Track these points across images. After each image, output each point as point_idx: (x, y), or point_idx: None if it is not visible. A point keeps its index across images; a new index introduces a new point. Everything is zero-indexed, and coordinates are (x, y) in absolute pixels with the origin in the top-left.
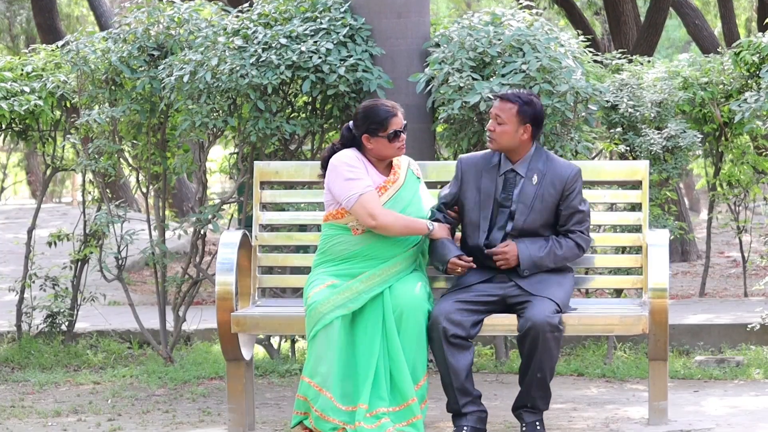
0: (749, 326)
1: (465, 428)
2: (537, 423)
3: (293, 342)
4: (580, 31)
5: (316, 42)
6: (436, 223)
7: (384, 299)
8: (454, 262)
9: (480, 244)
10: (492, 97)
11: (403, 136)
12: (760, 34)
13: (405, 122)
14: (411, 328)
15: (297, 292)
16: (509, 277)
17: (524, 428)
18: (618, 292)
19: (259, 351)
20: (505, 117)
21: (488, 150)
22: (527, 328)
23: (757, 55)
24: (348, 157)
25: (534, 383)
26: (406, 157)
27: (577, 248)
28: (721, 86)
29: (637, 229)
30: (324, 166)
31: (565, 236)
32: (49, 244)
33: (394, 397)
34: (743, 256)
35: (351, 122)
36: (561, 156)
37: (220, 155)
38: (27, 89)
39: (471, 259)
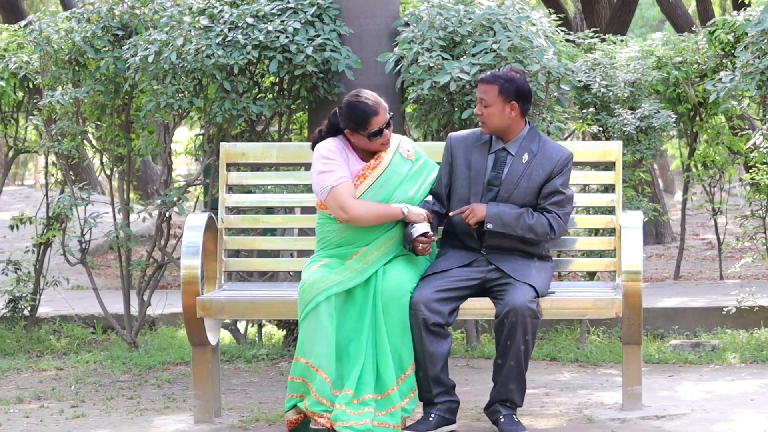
0: (725, 309)
1: (432, 415)
2: (513, 415)
3: (260, 327)
4: (551, 10)
5: (283, 21)
6: (411, 208)
7: (373, 284)
8: (420, 240)
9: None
10: (473, 83)
11: (387, 132)
12: (735, 12)
13: (390, 116)
14: (395, 316)
15: (264, 275)
16: (489, 261)
17: (502, 420)
18: (591, 275)
19: (226, 336)
20: (489, 99)
21: (477, 128)
22: (506, 312)
23: (732, 33)
24: (326, 148)
25: (511, 372)
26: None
27: (549, 227)
28: (695, 65)
29: (610, 210)
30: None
31: (540, 213)
32: (12, 227)
33: (378, 385)
34: (718, 239)
35: (337, 109)
36: None
37: (185, 137)
38: None
39: (432, 238)
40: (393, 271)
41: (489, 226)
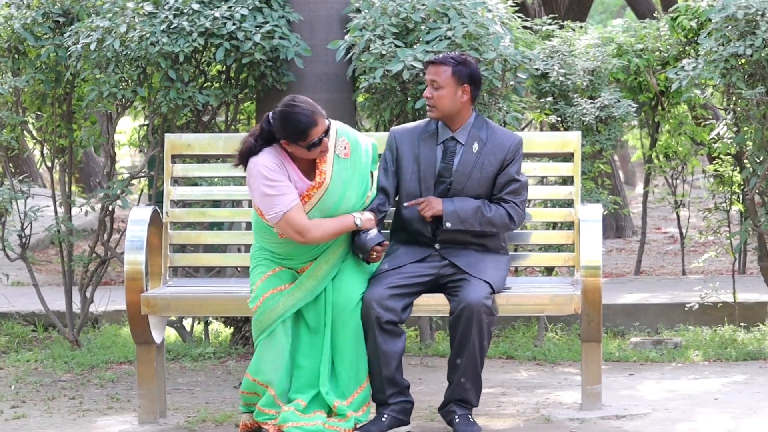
0: (687, 306)
1: (385, 416)
2: (469, 415)
3: (207, 324)
4: None
5: (230, 7)
6: (362, 215)
7: (323, 298)
8: (376, 249)
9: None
10: (423, 64)
11: (326, 140)
12: None
13: (328, 123)
14: (348, 326)
15: (210, 271)
16: (443, 256)
17: (458, 420)
18: (549, 270)
19: (171, 334)
20: (441, 80)
21: (421, 120)
22: (460, 309)
23: (695, 20)
24: (266, 167)
25: (467, 371)
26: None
27: (508, 218)
28: (657, 53)
29: (568, 203)
30: (241, 160)
31: (498, 204)
32: None
33: (330, 396)
34: (681, 232)
35: (271, 114)
36: None
37: (129, 127)
38: None
39: (386, 245)
40: (342, 282)
41: (448, 224)
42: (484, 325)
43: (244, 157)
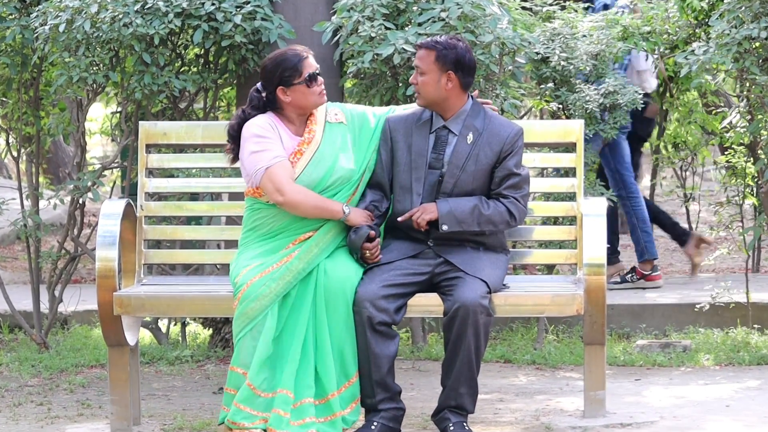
0: (697, 306)
1: (375, 424)
2: (464, 423)
3: (183, 325)
4: None
5: None
6: (353, 209)
7: (314, 279)
8: (366, 247)
9: (411, 208)
10: (412, 48)
11: (321, 79)
12: None
13: (317, 66)
14: (340, 313)
15: (188, 269)
16: (438, 253)
17: (452, 428)
18: (549, 268)
19: (146, 335)
20: (424, 66)
21: (417, 107)
22: (455, 309)
23: (707, 0)
24: (257, 126)
25: (462, 375)
26: (324, 104)
27: (508, 215)
28: (665, 36)
29: (570, 197)
30: (233, 137)
31: (496, 200)
32: None
33: (318, 388)
34: (691, 228)
35: (259, 84)
36: None
37: (101, 114)
38: None
39: (378, 242)
40: (336, 264)
41: (444, 228)
42: (481, 326)
43: (234, 130)
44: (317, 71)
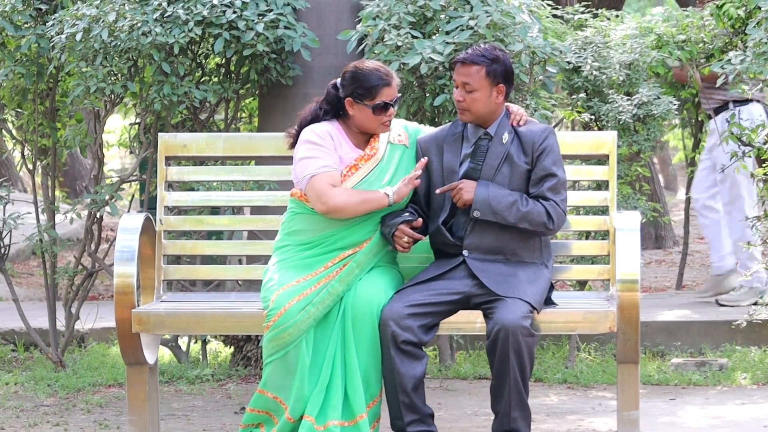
0: (734, 324)
1: None
2: None
3: (204, 343)
4: None
5: None
6: (393, 188)
7: (344, 297)
8: (402, 229)
9: (439, 224)
10: (447, 65)
11: (393, 110)
12: None
13: (399, 95)
14: (366, 333)
15: (208, 285)
16: (472, 271)
17: None
18: (581, 284)
19: (165, 353)
20: (475, 82)
21: (445, 125)
22: (496, 331)
23: (743, 8)
24: (314, 133)
25: (512, 399)
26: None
27: (546, 216)
28: (701, 45)
29: (603, 211)
30: (299, 126)
31: (536, 200)
32: None
33: (346, 410)
34: None
35: (339, 79)
36: None
37: (119, 126)
38: None
39: (421, 236)
40: (365, 284)
41: (476, 213)
42: (523, 347)
43: (302, 126)
44: (392, 101)
